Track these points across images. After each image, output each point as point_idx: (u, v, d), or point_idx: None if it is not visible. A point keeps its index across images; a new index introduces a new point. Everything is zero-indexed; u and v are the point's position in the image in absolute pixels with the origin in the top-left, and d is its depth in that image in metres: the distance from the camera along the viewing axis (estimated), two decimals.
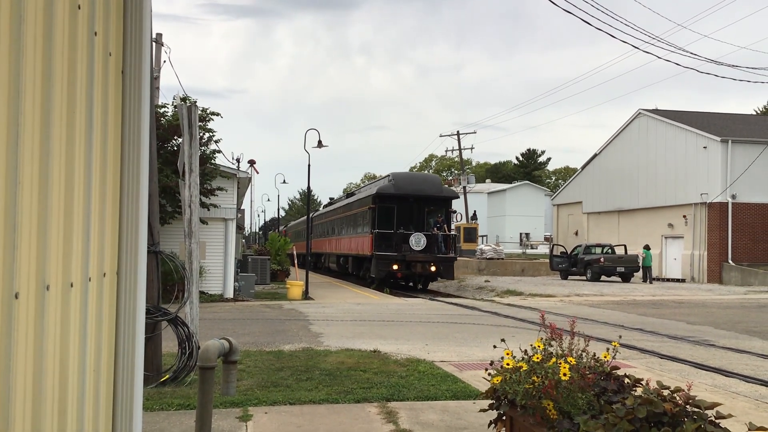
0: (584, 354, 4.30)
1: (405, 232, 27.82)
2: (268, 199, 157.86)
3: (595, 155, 44.33)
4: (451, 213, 30.29)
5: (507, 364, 4.36)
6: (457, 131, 57.30)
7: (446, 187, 35.19)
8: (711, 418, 3.48)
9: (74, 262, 2.49)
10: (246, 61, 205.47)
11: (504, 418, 4.47)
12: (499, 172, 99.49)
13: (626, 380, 4.11)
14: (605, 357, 4.26)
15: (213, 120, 21.65)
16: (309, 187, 27.56)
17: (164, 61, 22.47)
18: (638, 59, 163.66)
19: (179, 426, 5.95)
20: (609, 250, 34.52)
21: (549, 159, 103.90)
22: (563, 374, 3.91)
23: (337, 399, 6.92)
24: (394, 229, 27.91)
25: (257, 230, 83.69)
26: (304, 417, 6.26)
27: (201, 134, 19.62)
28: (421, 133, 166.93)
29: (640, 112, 40.08)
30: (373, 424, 6.04)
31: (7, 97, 1.87)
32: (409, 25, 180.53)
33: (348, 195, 41.24)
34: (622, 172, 40.79)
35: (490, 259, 41.74)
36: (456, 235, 31.87)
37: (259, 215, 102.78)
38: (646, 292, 26.43)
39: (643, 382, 4.00)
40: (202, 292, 18.30)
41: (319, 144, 24.47)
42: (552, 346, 4.35)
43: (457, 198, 35.46)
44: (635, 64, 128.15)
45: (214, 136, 21.30)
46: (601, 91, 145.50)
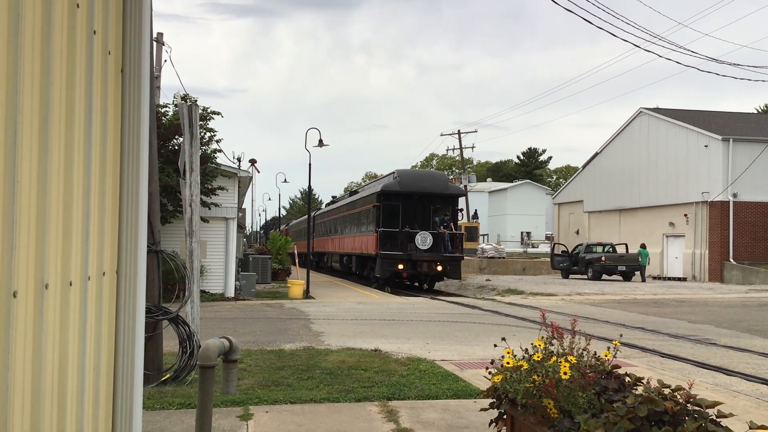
0: (585, 353, 4.29)
1: (411, 231, 27.12)
2: (269, 198, 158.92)
3: (596, 154, 44.30)
4: (457, 211, 29.73)
5: (508, 363, 4.35)
6: (458, 130, 57.41)
7: (452, 184, 34.45)
8: (712, 417, 3.47)
9: (73, 261, 2.48)
10: (246, 61, 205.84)
11: (505, 417, 4.47)
12: (500, 171, 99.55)
13: (627, 379, 4.10)
14: (606, 356, 4.25)
15: (214, 119, 21.67)
16: (310, 186, 27.58)
17: (165, 61, 22.56)
18: (639, 58, 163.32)
19: (180, 425, 5.95)
20: (610, 249, 34.53)
21: (550, 158, 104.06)
22: (564, 373, 3.90)
23: (338, 398, 6.92)
24: (399, 228, 27.28)
25: (258, 229, 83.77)
26: (305, 416, 6.26)
27: (202, 133, 19.61)
28: (421, 133, 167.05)
29: (641, 111, 40.04)
30: (374, 423, 6.04)
31: (5, 96, 1.86)
32: (410, 24, 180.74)
33: (351, 193, 40.73)
34: (623, 171, 40.74)
35: (491, 258, 41.78)
36: (463, 234, 31.13)
37: (260, 214, 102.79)
38: (647, 290, 26.40)
39: (644, 381, 3.99)
40: (203, 291, 18.30)
41: (320, 143, 24.46)
42: (553, 345, 4.34)
43: (464, 195, 35.08)
44: (636, 62, 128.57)
45: (215, 135, 21.31)
46: (602, 90, 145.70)
